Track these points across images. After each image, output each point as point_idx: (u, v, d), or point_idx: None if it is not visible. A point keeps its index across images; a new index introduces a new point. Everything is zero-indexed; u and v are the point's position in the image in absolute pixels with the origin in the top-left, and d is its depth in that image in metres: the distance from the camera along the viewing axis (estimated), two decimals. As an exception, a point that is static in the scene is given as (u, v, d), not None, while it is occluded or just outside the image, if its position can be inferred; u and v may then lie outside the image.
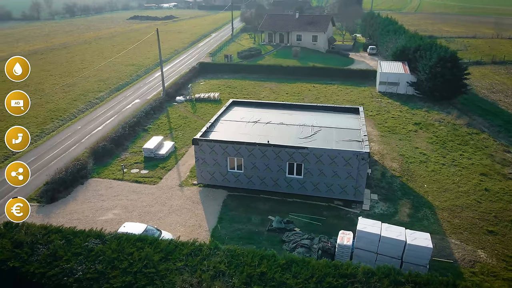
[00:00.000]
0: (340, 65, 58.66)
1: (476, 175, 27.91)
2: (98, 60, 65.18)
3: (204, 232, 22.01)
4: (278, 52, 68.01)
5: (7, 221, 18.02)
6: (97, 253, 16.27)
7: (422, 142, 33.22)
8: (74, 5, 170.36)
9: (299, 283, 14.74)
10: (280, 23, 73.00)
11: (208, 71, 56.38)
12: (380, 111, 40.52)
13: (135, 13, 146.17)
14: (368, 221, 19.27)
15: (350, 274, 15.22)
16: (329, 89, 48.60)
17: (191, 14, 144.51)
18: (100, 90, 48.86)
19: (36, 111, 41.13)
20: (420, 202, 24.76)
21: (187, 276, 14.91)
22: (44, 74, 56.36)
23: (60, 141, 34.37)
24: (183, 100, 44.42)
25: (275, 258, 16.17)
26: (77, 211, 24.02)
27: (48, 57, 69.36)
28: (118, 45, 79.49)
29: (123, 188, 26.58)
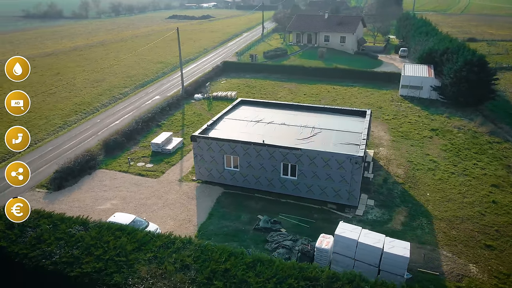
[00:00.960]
0: (366, 67, 57.28)
1: (487, 186, 26.42)
2: (130, 57, 67.93)
3: (192, 226, 22.54)
4: (304, 53, 67.53)
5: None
6: (77, 239, 17.18)
7: (435, 149, 31.86)
8: (119, 4, 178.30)
9: (259, 282, 14.80)
10: (308, 24, 72.42)
11: (231, 70, 57.11)
12: (397, 116, 39.24)
13: (174, 13, 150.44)
14: (348, 226, 18.90)
15: (313, 277, 15.08)
16: (349, 91, 47.69)
17: (228, 13, 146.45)
18: (126, 86, 51.00)
19: (63, 104, 43.72)
20: (418, 211, 23.85)
21: (154, 266, 15.44)
22: (79, 69, 59.60)
23: (78, 133, 36.34)
24: (201, 98, 45.38)
25: (243, 256, 16.31)
26: (79, 199, 25.40)
27: (86, 53, 73.18)
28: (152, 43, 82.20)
29: (125, 180, 27.73)
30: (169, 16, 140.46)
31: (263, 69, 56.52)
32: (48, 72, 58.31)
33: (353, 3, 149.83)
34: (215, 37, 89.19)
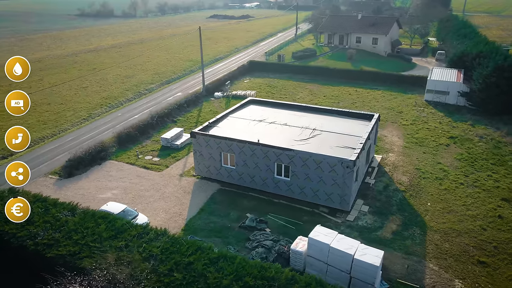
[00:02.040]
0: (396, 70, 55.30)
1: (496, 199, 24.78)
2: (163, 55, 70.41)
3: (181, 220, 23.18)
4: (334, 54, 66.39)
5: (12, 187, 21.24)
6: (62, 223, 18.37)
7: (449, 158, 30.29)
8: (165, 4, 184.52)
9: (216, 277, 15.08)
10: (340, 24, 71.06)
11: (256, 70, 57.49)
12: (416, 121, 37.64)
13: (215, 12, 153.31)
14: (323, 230, 18.63)
15: (271, 277, 15.12)
16: (371, 94, 46.38)
17: (268, 13, 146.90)
18: (152, 82, 53.00)
19: (92, 98, 46.34)
20: (413, 220, 22.90)
21: (123, 254, 16.16)
22: (113, 65, 62.68)
23: (99, 125, 38.40)
24: (221, 96, 46.17)
25: (210, 251, 16.66)
26: (84, 187, 26.94)
27: (124, 50, 76.75)
28: (187, 42, 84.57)
29: (131, 172, 28.99)
30: (210, 15, 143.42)
31: (288, 69, 56.37)
32: (86, 67, 61.90)
33: (398, 3, 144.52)
34: (249, 37, 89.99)
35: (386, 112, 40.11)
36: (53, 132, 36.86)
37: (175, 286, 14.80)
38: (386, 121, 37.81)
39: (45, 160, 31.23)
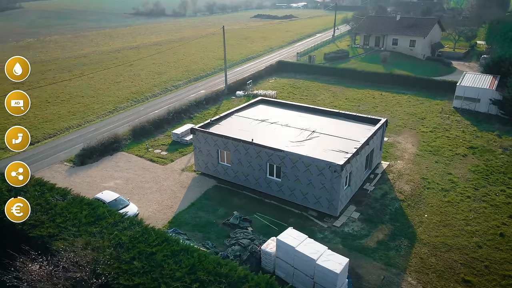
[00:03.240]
0: (432, 74, 52.59)
1: (503, 216, 22.99)
2: (197, 53, 72.37)
3: (170, 213, 23.95)
4: (367, 56, 64.44)
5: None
6: (50, 207, 19.77)
7: (462, 169, 28.49)
8: (214, 3, 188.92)
9: (172, 269, 15.54)
10: (377, 26, 68.73)
11: (284, 70, 57.37)
12: (437, 129, 35.69)
13: (259, 12, 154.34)
14: (293, 233, 18.47)
15: (225, 274, 15.31)
16: (396, 99, 44.58)
17: (313, 13, 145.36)
18: (180, 79, 54.76)
19: (122, 92, 48.87)
20: (403, 231, 21.90)
21: (94, 240, 17.12)
22: (149, 62, 65.51)
23: (121, 118, 40.47)
24: (242, 95, 46.68)
25: (175, 244, 17.15)
26: (91, 175, 28.64)
27: (163, 48, 79.75)
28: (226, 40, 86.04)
29: (137, 164, 30.35)
30: (254, 15, 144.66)
31: (315, 70, 55.65)
32: (124, 63, 65.24)
33: (452, 3, 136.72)
34: (286, 37, 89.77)
35: (406, 118, 38.42)
36: (79, 123, 39.44)
37: (132, 273, 15.44)
38: (404, 127, 36.24)
39: (65, 148, 33.50)
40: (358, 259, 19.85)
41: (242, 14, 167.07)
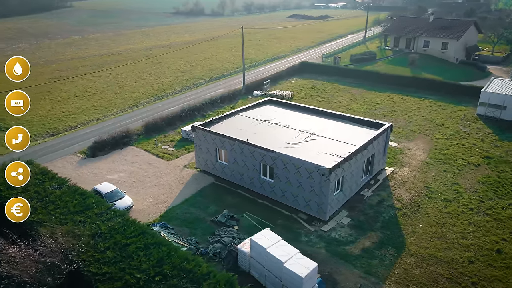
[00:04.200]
0: (464, 79, 50.02)
1: (505, 231, 21.63)
2: (225, 52, 73.28)
3: (163, 207, 24.62)
4: (395, 59, 62.33)
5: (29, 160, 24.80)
6: (46, 195, 20.96)
7: (471, 179, 27.02)
8: (252, 3, 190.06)
9: (141, 261, 16.09)
10: (408, 27, 66.22)
11: (306, 71, 56.88)
12: (454, 136, 34.01)
13: (297, 12, 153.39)
14: (268, 234, 18.46)
15: (189, 270, 15.62)
16: (417, 103, 42.89)
17: (350, 14, 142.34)
18: (202, 77, 55.80)
19: (144, 89, 50.61)
20: (392, 240, 21.18)
21: (75, 228, 18.01)
22: (177, 60, 67.27)
23: (138, 114, 41.95)
24: (259, 94, 46.83)
25: (150, 237, 17.67)
26: (99, 167, 30.00)
27: (193, 47, 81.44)
28: (255, 40, 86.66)
29: (143, 158, 31.40)
30: (289, 15, 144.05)
31: (337, 72, 54.67)
32: (152, 60, 67.42)
33: (501, 4, 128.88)
34: (317, 38, 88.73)
35: (423, 124, 36.91)
36: (99, 117, 41.35)
37: (103, 262, 16.14)
38: (419, 133, 34.85)
39: (81, 140, 35.26)
40: (339, 265, 19.47)
41: (278, 14, 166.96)
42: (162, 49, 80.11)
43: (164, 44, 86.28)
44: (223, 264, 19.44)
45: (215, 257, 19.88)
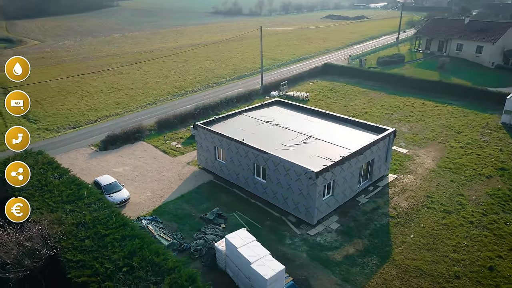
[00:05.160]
0: (497, 85, 47.25)
1: (502, 248, 20.37)
2: (251, 52, 73.69)
3: (158, 202, 25.35)
4: (424, 62, 59.89)
5: (40, 150, 26.49)
6: (46, 183, 22.29)
7: (478, 191, 25.61)
8: (289, 3, 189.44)
9: (114, 251, 16.76)
10: (441, 29, 63.30)
11: (328, 73, 56.09)
12: (470, 145, 32.29)
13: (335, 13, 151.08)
14: (243, 234, 18.54)
15: (157, 263, 16.10)
16: (438, 109, 41.06)
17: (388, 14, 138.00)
18: (224, 76, 56.53)
19: (166, 86, 52.11)
20: (378, 249, 20.58)
21: (63, 216, 19.05)
22: (203, 59, 68.57)
23: (155, 111, 43.27)
24: (276, 95, 46.79)
25: (129, 229, 18.34)
26: (107, 160, 31.36)
27: (221, 46, 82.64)
28: (284, 41, 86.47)
29: (150, 153, 32.45)
30: (325, 15, 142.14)
31: (360, 75, 53.44)
32: (180, 59, 69.19)
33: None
34: (348, 39, 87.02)
35: (440, 130, 35.33)
36: (118, 112, 43.13)
37: (80, 250, 16.98)
38: (433, 140, 33.42)
39: (97, 133, 36.93)
40: (317, 270, 19.22)
41: (315, 14, 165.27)
42: (191, 48, 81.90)
43: (194, 43, 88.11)
44: (202, 261, 19.78)
45: (195, 253, 20.27)
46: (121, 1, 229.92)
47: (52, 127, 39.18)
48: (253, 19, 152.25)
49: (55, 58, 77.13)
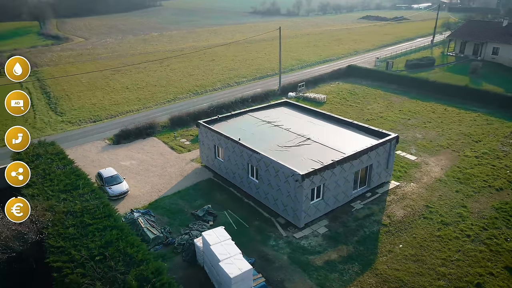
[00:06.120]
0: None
1: (496, 265, 19.19)
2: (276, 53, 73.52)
3: (156, 196, 26.14)
4: (456, 66, 57.04)
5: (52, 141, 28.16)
6: (49, 173, 23.68)
7: (484, 204, 24.22)
8: (328, 4, 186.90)
9: (93, 240, 17.53)
10: (477, 32, 59.95)
11: (351, 75, 54.96)
12: (486, 155, 30.52)
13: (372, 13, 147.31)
14: (219, 232, 18.76)
15: (130, 254, 16.68)
16: (460, 115, 39.07)
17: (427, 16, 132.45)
18: (245, 76, 56.96)
19: (188, 84, 53.39)
20: (362, 257, 20.06)
21: (56, 205, 20.20)
22: (229, 59, 69.44)
23: (172, 107, 44.46)
24: (293, 96, 46.58)
25: (112, 220, 19.12)
26: (117, 154, 32.71)
27: (250, 46, 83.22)
28: (314, 42, 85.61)
29: (158, 149, 33.46)
30: (362, 16, 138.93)
31: (384, 78, 51.83)
32: (207, 57, 70.49)
33: None
34: (380, 40, 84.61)
35: (456, 138, 33.67)
36: (138, 108, 44.77)
37: (63, 237, 17.91)
38: (446, 148, 31.92)
39: (114, 128, 38.50)
40: (294, 273, 19.08)
41: (353, 15, 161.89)
42: (221, 47, 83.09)
43: (225, 43, 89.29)
44: (183, 256, 20.24)
45: (178, 248, 20.77)
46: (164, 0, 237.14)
47: (75, 120, 41.38)
48: (289, 19, 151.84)
49: (92, 55, 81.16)
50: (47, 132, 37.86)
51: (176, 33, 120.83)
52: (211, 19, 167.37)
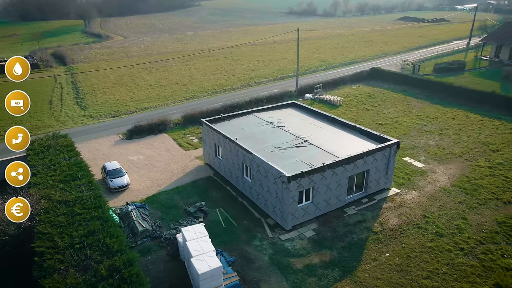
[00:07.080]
0: None
1: (486, 281, 18.18)
2: (304, 53, 72.98)
3: (155, 191, 26.92)
4: (488, 71, 53.99)
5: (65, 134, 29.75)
6: (54, 163, 25.07)
7: (487, 217, 22.94)
8: (366, 4, 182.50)
9: (79, 229, 18.38)
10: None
11: (374, 78, 53.59)
12: (501, 165, 28.82)
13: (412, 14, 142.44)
14: (198, 229, 19.08)
15: (108, 245, 17.37)
16: (483, 123, 37.04)
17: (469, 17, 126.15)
18: (266, 77, 57.03)
19: (209, 83, 54.30)
20: (344, 263, 19.68)
21: (53, 193, 21.39)
22: (254, 59, 69.78)
23: (188, 105, 45.41)
24: (310, 97, 46.15)
25: (100, 211, 19.95)
26: (127, 148, 33.95)
27: (278, 46, 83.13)
28: (342, 43, 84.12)
29: (166, 145, 34.37)
30: (399, 17, 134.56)
31: (407, 81, 50.04)
32: (232, 57, 71.26)
33: None
34: (412, 43, 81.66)
35: (472, 147, 32.01)
36: (156, 105, 46.14)
37: (51, 225, 18.90)
38: (458, 157, 30.46)
39: (130, 123, 39.72)
40: (272, 275, 19.06)
41: (391, 16, 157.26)
42: (249, 47, 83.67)
43: (253, 43, 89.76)
44: (167, 250, 20.77)
45: (164, 242, 21.33)
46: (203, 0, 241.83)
47: (96, 114, 43.33)
48: (323, 20, 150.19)
49: (126, 52, 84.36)
50: (68, 125, 39.92)
51: (209, 32, 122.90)
52: (246, 19, 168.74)
